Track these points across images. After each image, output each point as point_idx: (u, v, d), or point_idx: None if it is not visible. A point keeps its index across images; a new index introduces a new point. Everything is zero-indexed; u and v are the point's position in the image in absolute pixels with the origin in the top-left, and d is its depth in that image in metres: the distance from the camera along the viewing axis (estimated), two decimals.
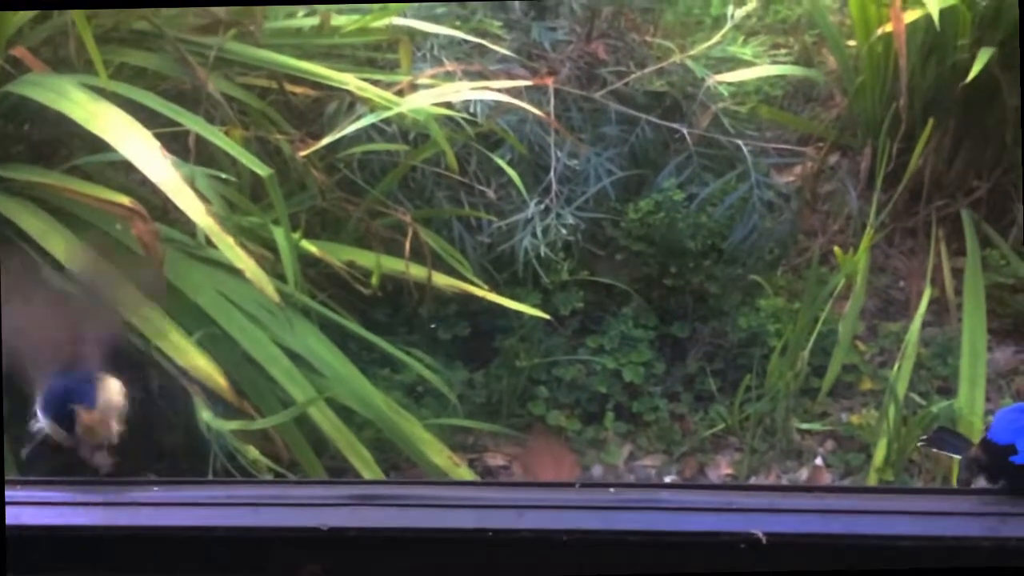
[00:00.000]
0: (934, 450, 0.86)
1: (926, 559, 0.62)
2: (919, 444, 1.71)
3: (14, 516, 0.66)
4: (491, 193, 2.07)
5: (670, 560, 0.62)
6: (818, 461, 2.12)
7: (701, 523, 0.63)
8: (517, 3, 2.36)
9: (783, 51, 2.66)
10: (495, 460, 2.14)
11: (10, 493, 0.67)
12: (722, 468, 2.12)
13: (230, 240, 1.56)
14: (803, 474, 2.09)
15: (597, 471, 2.09)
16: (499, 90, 2.03)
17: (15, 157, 1.90)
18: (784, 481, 2.04)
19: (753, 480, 1.95)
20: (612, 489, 0.67)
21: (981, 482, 0.72)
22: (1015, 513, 0.66)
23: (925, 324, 2.26)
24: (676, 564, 0.62)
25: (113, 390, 0.78)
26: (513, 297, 2.09)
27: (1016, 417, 0.76)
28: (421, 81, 2.03)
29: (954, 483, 1.22)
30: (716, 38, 2.35)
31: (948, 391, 2.17)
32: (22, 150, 1.93)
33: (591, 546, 0.63)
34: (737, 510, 0.64)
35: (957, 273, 2.32)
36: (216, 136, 1.75)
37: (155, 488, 0.70)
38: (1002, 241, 2.35)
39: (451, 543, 0.65)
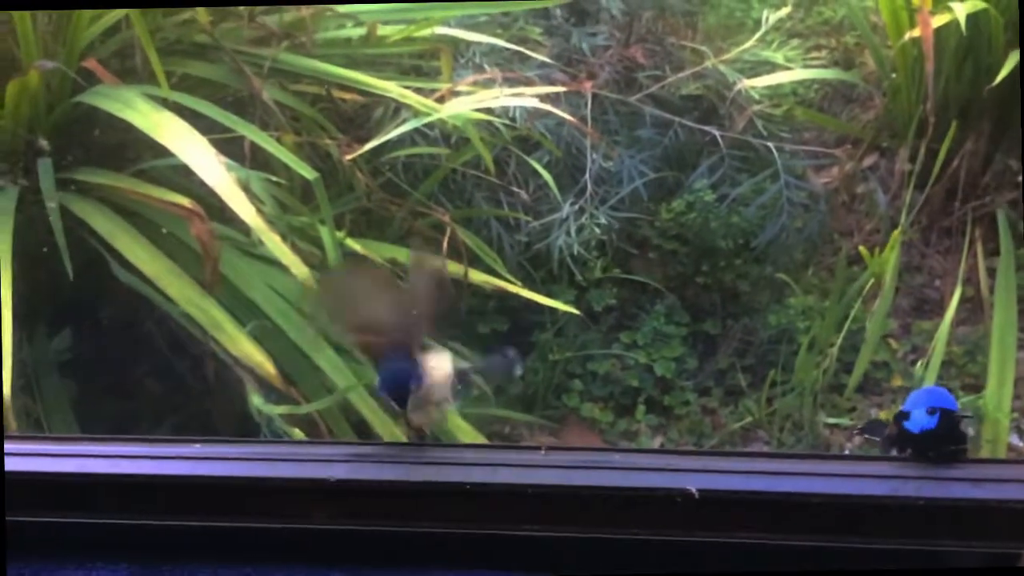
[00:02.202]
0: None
1: (836, 514, 0.71)
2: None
3: (80, 466, 0.80)
4: (525, 195, 2.16)
5: (616, 511, 0.72)
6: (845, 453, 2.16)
7: (643, 480, 0.73)
8: (558, 10, 2.45)
9: (824, 52, 2.70)
10: None
11: (76, 447, 0.81)
12: None
13: (277, 239, 1.69)
14: None
15: None
16: (536, 95, 2.13)
17: (87, 161, 2.05)
18: None
19: None
20: (543, 451, 0.78)
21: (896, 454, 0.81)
22: (916, 477, 0.75)
23: (960, 323, 2.29)
24: (621, 514, 0.72)
25: (440, 363, 0.89)
26: (548, 294, 2.19)
27: (921, 395, 0.84)
28: (462, 88, 2.14)
29: None
30: (750, 43, 2.41)
31: (978, 389, 2.19)
32: (93, 155, 2.09)
33: (550, 499, 0.74)
34: (675, 470, 0.73)
35: (993, 272, 2.34)
36: (268, 142, 1.88)
37: (197, 444, 0.82)
38: None
39: (435, 494, 0.76)
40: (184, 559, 0.76)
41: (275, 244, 1.69)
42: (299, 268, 1.70)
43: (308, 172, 1.83)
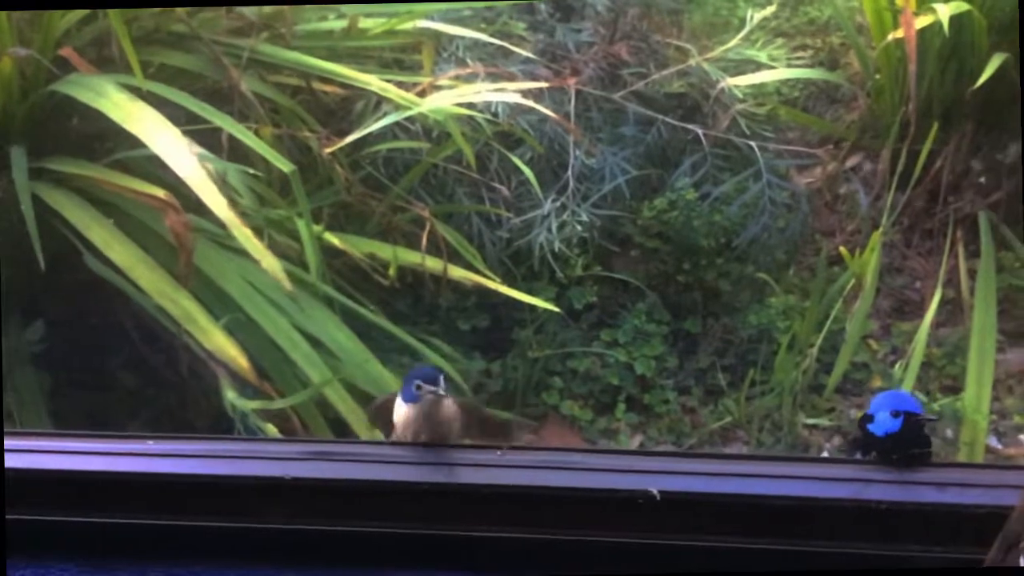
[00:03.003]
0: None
1: (798, 517, 0.70)
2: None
3: (29, 462, 0.78)
4: (505, 191, 2.15)
5: (576, 512, 0.71)
6: (824, 455, 2.16)
7: (605, 481, 0.72)
8: (543, 5, 2.43)
9: (809, 52, 2.70)
10: None
11: (24, 442, 0.79)
12: None
13: (249, 232, 1.67)
14: None
15: None
16: (519, 91, 2.11)
17: (62, 151, 2.03)
18: None
19: None
20: (499, 452, 0.76)
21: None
22: (877, 480, 0.74)
23: (941, 324, 2.29)
24: (581, 516, 0.71)
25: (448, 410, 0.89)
26: (529, 291, 2.17)
27: (886, 398, 0.83)
28: (443, 82, 2.12)
29: None
30: (734, 41, 2.40)
31: (956, 390, 2.19)
32: (70, 144, 2.06)
33: (509, 499, 0.72)
34: (637, 471, 0.72)
35: (974, 274, 2.33)
36: (243, 133, 1.86)
37: (150, 441, 0.80)
38: (1019, 243, 2.36)
39: (392, 494, 0.74)
40: (136, 557, 0.75)
41: (246, 237, 1.67)
42: (270, 261, 1.68)
43: (284, 165, 1.81)
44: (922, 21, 2.11)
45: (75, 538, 0.77)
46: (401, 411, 0.86)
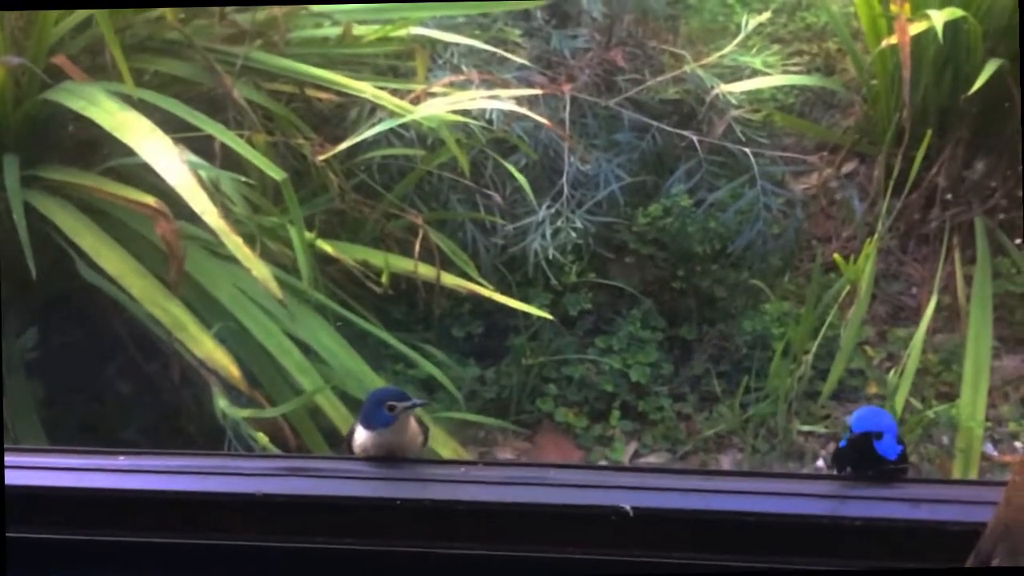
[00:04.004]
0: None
1: (772, 533, 0.69)
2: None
3: (10, 478, 0.77)
4: (498, 197, 2.15)
5: (550, 528, 0.71)
6: (819, 463, 2.15)
7: (578, 497, 0.71)
8: (538, 11, 2.43)
9: (805, 58, 2.69)
10: (504, 454, 2.21)
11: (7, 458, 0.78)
12: (724, 467, 2.16)
13: (239, 240, 1.66)
14: None
15: None
16: (513, 97, 2.11)
17: (57, 158, 2.02)
18: None
19: None
20: (463, 468, 0.76)
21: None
22: (852, 496, 0.73)
23: (937, 331, 2.28)
24: (555, 532, 0.70)
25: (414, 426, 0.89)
26: (524, 298, 2.17)
27: (862, 413, 0.83)
28: (437, 89, 2.11)
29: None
30: (729, 47, 2.39)
31: (952, 397, 2.18)
32: (65, 152, 2.06)
33: (483, 515, 0.72)
34: (610, 487, 0.72)
35: (970, 280, 2.32)
36: (235, 141, 1.85)
37: (121, 457, 0.80)
38: (1015, 249, 2.35)
39: (364, 510, 0.74)
40: (109, 573, 0.74)
41: (236, 245, 1.67)
42: (260, 269, 1.68)
43: (276, 173, 1.81)
44: (917, 27, 2.11)
45: (46, 554, 0.76)
46: (364, 435, 0.85)
